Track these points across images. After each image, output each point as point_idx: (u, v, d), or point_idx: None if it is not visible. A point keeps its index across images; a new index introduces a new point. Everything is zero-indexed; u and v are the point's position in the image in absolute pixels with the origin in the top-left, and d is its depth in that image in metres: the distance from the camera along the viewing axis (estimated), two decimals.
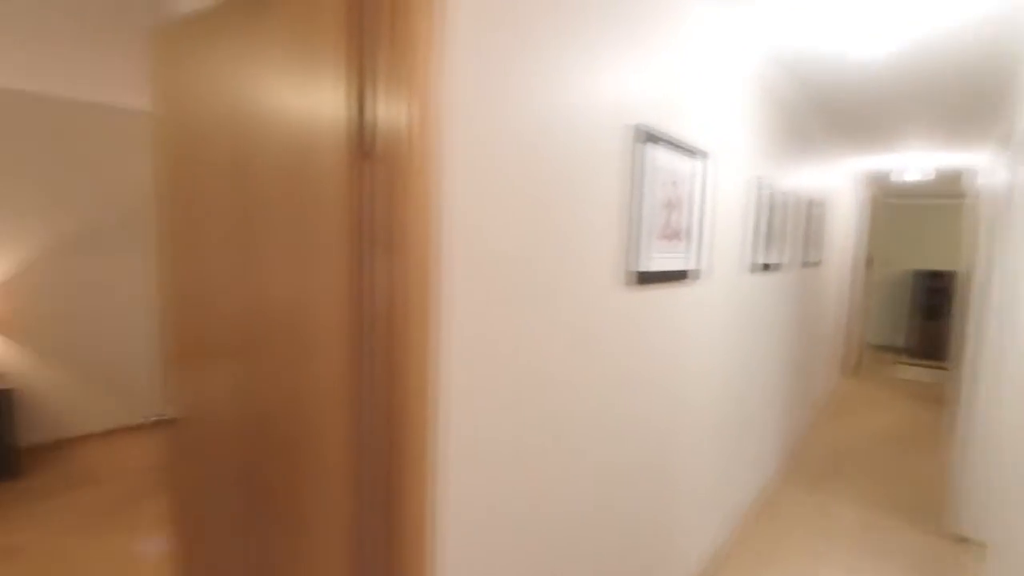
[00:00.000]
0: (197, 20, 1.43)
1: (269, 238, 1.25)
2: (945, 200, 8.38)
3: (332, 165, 1.08)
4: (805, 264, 4.15)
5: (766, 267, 3.07)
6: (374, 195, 1.03)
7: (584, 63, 1.42)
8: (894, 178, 6.48)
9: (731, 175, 2.47)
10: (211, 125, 1.40)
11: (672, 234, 1.92)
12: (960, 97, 3.06)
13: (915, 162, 5.53)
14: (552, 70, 1.31)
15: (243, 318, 1.34)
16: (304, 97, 1.14)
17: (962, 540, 3.08)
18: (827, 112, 3.64)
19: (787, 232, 3.49)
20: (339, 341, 1.10)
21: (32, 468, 3.51)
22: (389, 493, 1.08)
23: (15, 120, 3.56)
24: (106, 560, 2.62)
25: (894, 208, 8.83)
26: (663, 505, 2.13)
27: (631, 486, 1.87)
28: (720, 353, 2.56)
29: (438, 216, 1.03)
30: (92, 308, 3.97)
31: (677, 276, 2.00)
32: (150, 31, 1.60)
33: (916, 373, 7.26)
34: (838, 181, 5.32)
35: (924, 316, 8.13)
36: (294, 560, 1.29)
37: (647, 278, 1.79)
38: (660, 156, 1.79)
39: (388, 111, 1.01)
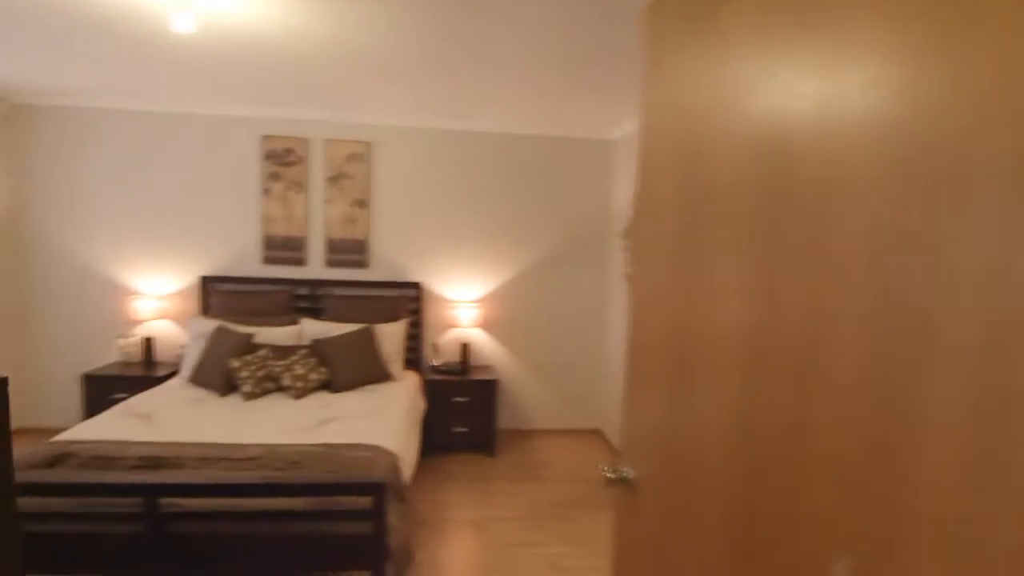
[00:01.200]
0: None
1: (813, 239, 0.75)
2: None
3: None
4: None
5: None
6: None
7: None
8: None
9: None
10: (716, 117, 1.01)
11: None
12: None
13: None
14: None
15: (755, 340, 0.89)
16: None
17: None
18: None
19: None
20: None
21: (503, 449, 4.13)
22: None
23: (515, 159, 4.31)
24: (542, 555, 2.70)
25: None
26: None
27: None
28: None
29: None
30: (553, 318, 4.46)
31: None
32: (642, 12, 1.35)
33: None
34: None
35: None
36: None
37: None
38: None
39: None
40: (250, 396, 3.20)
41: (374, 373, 3.61)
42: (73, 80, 3.48)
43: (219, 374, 3.30)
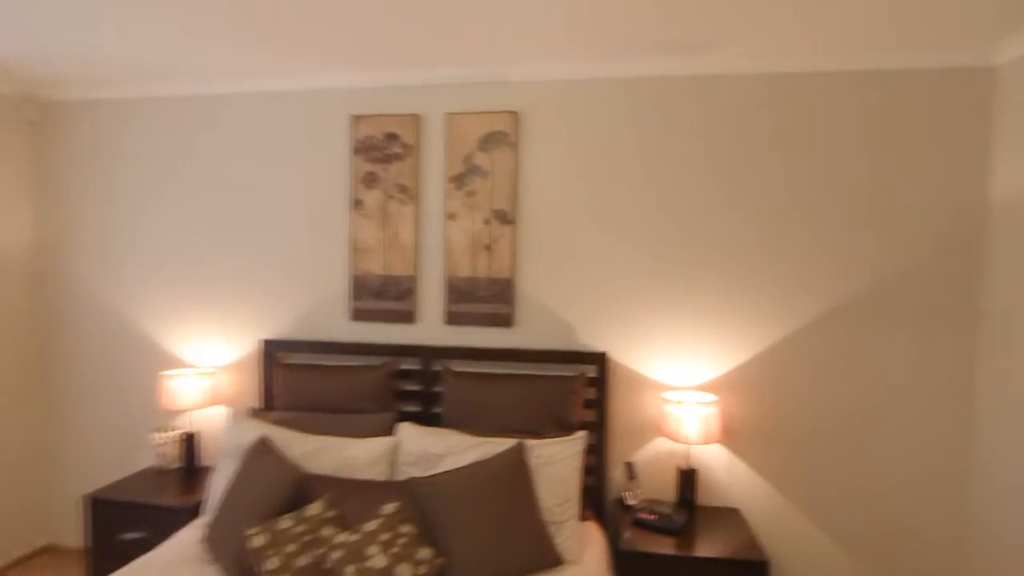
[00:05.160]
0: None
1: None
2: None
3: None
4: None
5: None
6: None
7: None
8: None
9: None
10: None
11: None
12: None
13: None
14: None
15: None
16: None
17: None
18: None
19: None
20: None
21: None
22: None
23: (777, 120, 2.28)
24: None
25: None
26: None
27: None
28: None
29: None
30: (861, 423, 2.29)
31: None
32: None
33: None
34: None
35: None
36: None
37: None
38: None
39: None
40: None
41: (528, 554, 1.78)
42: (108, 60, 2.25)
43: (237, 545, 1.71)
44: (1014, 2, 1.77)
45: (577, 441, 2.06)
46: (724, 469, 2.36)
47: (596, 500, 2.32)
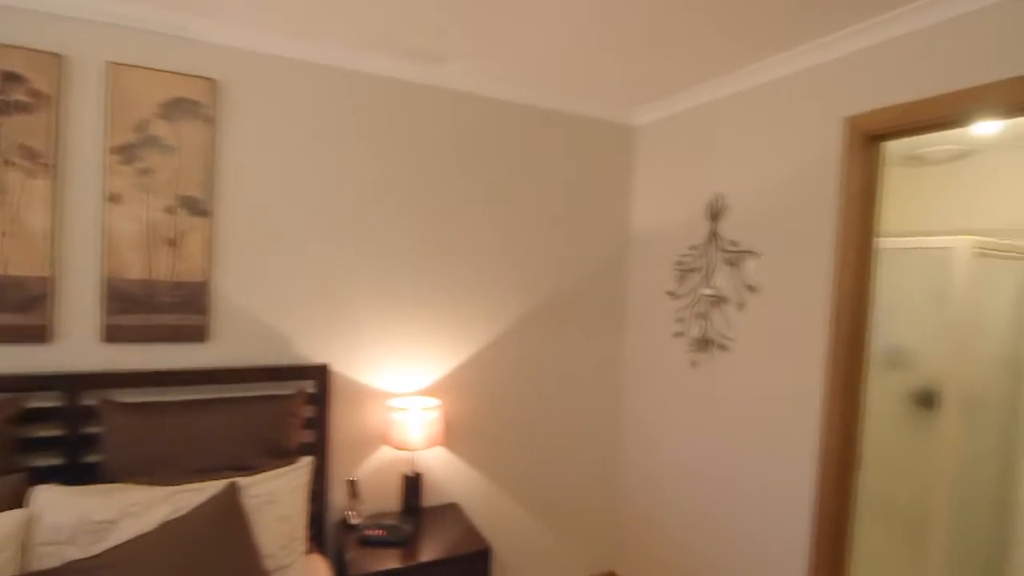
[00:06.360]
0: None
1: None
2: None
3: None
4: None
5: None
6: None
7: None
8: None
9: None
10: None
11: None
12: None
13: None
14: None
15: None
16: None
17: None
18: None
19: None
20: None
21: None
22: None
23: (483, 139, 2.50)
24: None
25: None
26: None
27: None
28: None
29: None
30: (550, 411, 2.70)
31: None
32: None
33: None
34: None
35: None
36: None
37: None
38: None
39: None
40: None
41: None
42: None
43: None
44: (644, 83, 2.35)
45: (302, 470, 1.82)
46: (443, 468, 2.45)
47: (319, 527, 2.10)
